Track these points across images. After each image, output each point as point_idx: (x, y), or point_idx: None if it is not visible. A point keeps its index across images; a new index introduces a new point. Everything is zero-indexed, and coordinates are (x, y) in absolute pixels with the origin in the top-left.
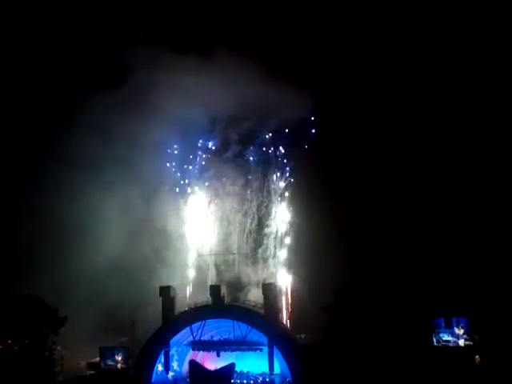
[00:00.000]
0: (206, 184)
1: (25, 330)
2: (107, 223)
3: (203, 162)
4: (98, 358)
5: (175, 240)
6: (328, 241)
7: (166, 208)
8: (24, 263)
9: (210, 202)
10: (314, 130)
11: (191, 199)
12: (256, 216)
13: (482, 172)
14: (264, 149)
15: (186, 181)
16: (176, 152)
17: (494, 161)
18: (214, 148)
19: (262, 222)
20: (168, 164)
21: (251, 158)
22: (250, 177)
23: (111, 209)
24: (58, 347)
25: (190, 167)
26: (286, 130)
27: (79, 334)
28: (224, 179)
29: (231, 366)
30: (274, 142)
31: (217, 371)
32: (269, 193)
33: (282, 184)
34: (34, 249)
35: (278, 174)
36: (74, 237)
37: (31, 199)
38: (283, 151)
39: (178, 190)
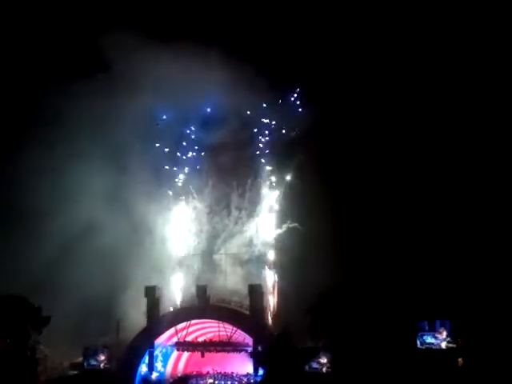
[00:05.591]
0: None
1: (7, 328)
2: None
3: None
4: (81, 358)
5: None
6: (315, 243)
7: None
8: None
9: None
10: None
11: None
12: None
13: (470, 177)
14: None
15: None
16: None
17: (475, 166)
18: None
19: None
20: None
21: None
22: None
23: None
24: (41, 346)
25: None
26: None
27: (61, 333)
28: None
29: None
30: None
31: None
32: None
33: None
34: None
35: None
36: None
37: None
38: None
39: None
